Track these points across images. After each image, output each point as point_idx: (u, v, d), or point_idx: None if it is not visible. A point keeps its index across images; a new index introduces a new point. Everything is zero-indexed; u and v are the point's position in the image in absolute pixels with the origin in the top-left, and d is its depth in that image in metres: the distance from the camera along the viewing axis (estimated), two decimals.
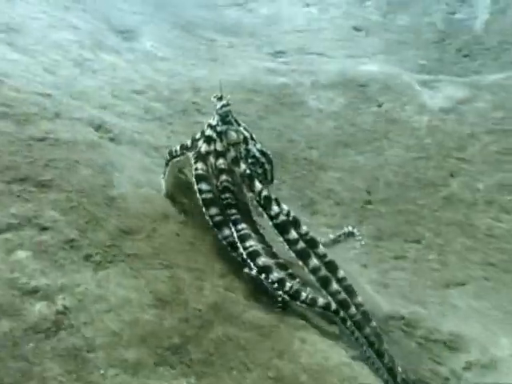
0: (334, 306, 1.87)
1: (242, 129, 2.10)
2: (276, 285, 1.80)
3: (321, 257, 2.13)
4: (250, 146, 2.10)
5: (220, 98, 2.08)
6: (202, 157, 2.04)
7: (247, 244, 1.87)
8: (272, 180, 2.22)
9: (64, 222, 1.75)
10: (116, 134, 2.51)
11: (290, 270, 1.93)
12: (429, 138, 3.43)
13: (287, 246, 1.97)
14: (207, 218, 1.91)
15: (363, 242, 2.64)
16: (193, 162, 2.04)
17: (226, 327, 1.55)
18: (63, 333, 1.38)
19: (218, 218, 1.92)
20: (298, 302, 1.82)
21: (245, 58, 4.99)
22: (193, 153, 2.07)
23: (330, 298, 1.90)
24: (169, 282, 1.65)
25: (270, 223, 1.98)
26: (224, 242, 1.91)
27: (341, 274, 2.08)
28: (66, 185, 1.90)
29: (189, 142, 2.13)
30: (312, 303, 1.83)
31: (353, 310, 1.88)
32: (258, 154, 2.11)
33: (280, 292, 1.80)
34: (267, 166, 2.15)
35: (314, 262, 1.97)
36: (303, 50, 5.65)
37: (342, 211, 2.95)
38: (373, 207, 2.99)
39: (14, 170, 1.85)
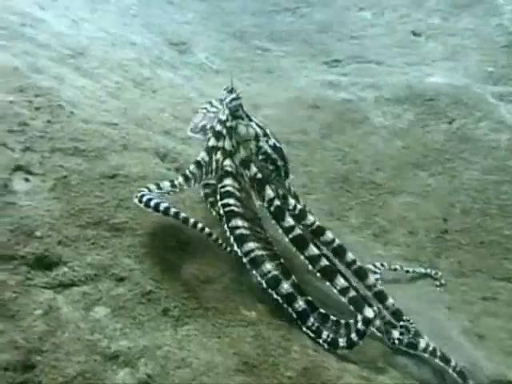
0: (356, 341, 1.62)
1: (253, 124, 1.94)
2: (300, 318, 1.63)
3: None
4: (262, 143, 1.93)
5: (230, 91, 1.93)
6: (207, 150, 1.89)
7: (264, 269, 1.67)
8: (287, 176, 2.04)
9: (139, 272, 1.65)
10: (182, 163, 2.41)
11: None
12: (510, 159, 3.16)
13: (310, 264, 1.78)
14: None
15: (443, 281, 2.43)
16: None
17: None
18: None
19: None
20: (320, 341, 1.62)
21: (301, 68, 4.83)
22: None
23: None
24: (254, 342, 1.52)
25: (286, 238, 1.79)
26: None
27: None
28: (139, 228, 1.81)
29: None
30: (333, 344, 1.62)
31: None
32: (269, 151, 1.94)
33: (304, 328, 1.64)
34: (279, 163, 1.97)
35: (342, 281, 1.76)
36: (360, 58, 5.41)
37: (417, 241, 2.75)
38: (451, 237, 2.76)
39: (87, 213, 1.77)
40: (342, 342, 1.62)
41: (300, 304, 1.65)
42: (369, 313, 1.66)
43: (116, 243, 1.72)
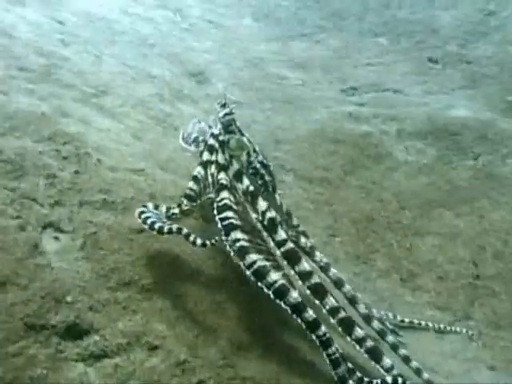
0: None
1: (245, 139, 1.99)
2: (310, 327, 1.56)
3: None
4: (252, 158, 1.99)
5: (223, 105, 2.00)
6: (202, 164, 1.94)
7: (270, 279, 1.59)
8: (274, 191, 2.08)
9: (173, 338, 1.59)
10: None
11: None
12: None
13: (300, 281, 1.73)
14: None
15: (475, 334, 2.34)
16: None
17: None
18: None
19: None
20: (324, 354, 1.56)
21: (320, 98, 4.79)
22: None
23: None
24: None
25: (278, 252, 1.76)
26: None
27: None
28: (170, 288, 1.74)
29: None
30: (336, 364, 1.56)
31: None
32: (258, 166, 2.01)
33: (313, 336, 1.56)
34: (267, 178, 2.03)
35: (332, 301, 1.70)
36: (377, 86, 5.38)
37: (447, 287, 2.66)
38: (483, 284, 2.67)
39: (117, 273, 1.71)
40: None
41: (310, 314, 1.57)
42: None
43: (147, 307, 1.65)
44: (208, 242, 1.66)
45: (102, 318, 1.56)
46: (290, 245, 1.78)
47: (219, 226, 1.72)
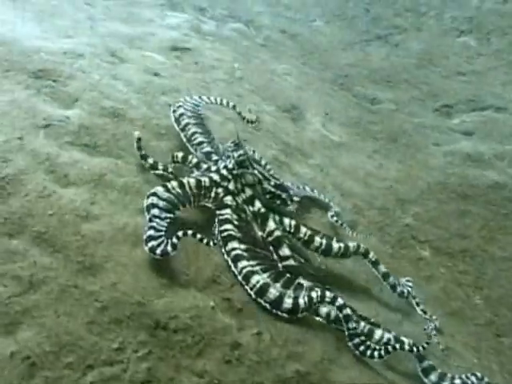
0: None
1: (256, 172, 2.23)
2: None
3: None
4: (266, 185, 2.27)
5: (237, 145, 2.19)
6: (211, 181, 2.13)
7: (253, 281, 1.88)
8: (292, 201, 2.38)
9: None
10: None
11: None
12: None
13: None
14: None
15: None
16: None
17: None
18: None
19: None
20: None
21: (420, 128, 4.36)
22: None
23: None
24: None
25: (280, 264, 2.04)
26: None
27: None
28: None
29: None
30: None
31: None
32: (273, 190, 2.30)
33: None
34: (284, 195, 2.34)
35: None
36: (475, 103, 4.89)
37: None
38: None
39: None
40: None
41: (288, 302, 1.82)
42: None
43: None
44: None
45: None
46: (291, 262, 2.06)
47: (219, 237, 1.97)
